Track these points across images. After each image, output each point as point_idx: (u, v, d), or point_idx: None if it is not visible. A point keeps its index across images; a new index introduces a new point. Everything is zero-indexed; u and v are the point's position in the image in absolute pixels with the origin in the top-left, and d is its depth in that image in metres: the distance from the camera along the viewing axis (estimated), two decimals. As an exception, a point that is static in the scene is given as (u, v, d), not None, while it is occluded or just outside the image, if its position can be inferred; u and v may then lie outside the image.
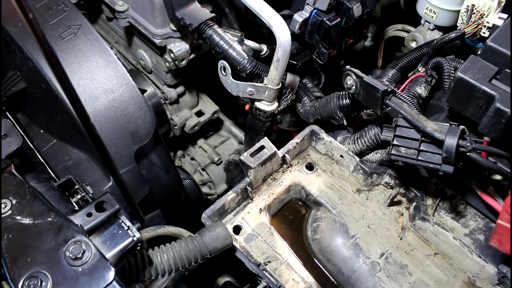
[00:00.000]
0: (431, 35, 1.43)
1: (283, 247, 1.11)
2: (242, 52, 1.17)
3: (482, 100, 0.90)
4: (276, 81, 1.17)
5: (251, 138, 1.35)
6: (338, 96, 1.29)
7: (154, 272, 0.91)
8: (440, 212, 1.18)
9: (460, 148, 0.91)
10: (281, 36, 1.08)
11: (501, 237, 0.89)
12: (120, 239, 0.82)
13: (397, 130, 1.02)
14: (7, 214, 0.78)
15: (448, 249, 1.10)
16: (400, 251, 1.10)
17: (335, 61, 1.61)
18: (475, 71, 0.92)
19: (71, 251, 0.74)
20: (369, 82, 1.06)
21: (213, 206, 1.09)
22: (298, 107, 1.43)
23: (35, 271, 0.71)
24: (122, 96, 1.17)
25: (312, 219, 1.16)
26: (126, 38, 1.54)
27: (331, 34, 1.25)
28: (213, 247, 0.97)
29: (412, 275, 1.07)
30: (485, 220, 1.15)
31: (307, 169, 1.25)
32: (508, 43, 0.91)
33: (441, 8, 1.34)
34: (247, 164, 1.11)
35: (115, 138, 1.14)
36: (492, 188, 1.04)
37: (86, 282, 0.71)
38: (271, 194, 1.18)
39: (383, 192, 1.21)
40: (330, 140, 1.24)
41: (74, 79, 1.14)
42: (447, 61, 1.17)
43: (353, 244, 1.11)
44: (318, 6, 1.23)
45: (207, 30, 1.19)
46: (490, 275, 1.05)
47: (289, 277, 1.06)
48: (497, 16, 1.16)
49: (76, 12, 1.21)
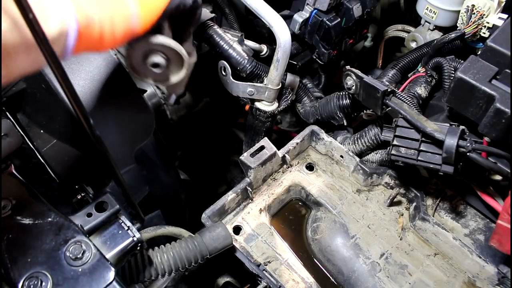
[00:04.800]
0: (431, 35, 1.43)
1: (283, 247, 1.11)
2: (242, 52, 1.17)
3: (482, 100, 0.90)
4: (276, 82, 1.17)
5: (251, 138, 1.35)
6: (338, 96, 1.29)
7: (154, 272, 0.91)
8: (440, 212, 1.18)
9: (460, 148, 0.91)
10: (281, 37, 1.08)
11: (501, 237, 0.89)
12: (120, 239, 0.82)
13: (397, 130, 1.02)
14: (7, 214, 0.78)
15: (448, 249, 1.10)
16: (400, 251, 1.10)
17: (335, 62, 1.61)
18: (475, 71, 0.92)
19: (71, 251, 0.74)
20: (369, 82, 1.06)
21: (213, 206, 1.09)
22: (298, 107, 1.43)
23: (35, 271, 0.71)
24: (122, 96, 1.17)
25: (312, 219, 1.16)
26: (126, 38, 1.54)
27: (331, 34, 1.25)
28: (213, 247, 0.97)
29: (412, 275, 1.07)
30: (485, 220, 1.15)
31: (307, 169, 1.25)
32: (508, 43, 0.91)
33: (441, 8, 1.34)
34: (247, 164, 1.11)
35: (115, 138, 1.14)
36: (492, 188, 1.04)
37: (86, 282, 0.71)
38: (271, 194, 1.18)
39: (383, 192, 1.21)
40: (330, 140, 1.24)
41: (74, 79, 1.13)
42: (447, 61, 1.17)
43: (353, 244, 1.11)
44: (318, 6, 1.23)
45: (207, 30, 1.19)
46: (490, 275, 1.05)
47: (289, 277, 1.06)
48: (497, 16, 1.16)
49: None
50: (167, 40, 0.80)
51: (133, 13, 0.75)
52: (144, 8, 0.76)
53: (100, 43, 0.72)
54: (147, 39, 0.79)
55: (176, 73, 0.87)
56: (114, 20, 0.72)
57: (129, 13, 0.74)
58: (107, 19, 0.71)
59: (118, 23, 0.73)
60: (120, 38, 0.75)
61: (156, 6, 0.78)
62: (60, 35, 0.64)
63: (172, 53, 0.83)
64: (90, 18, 0.69)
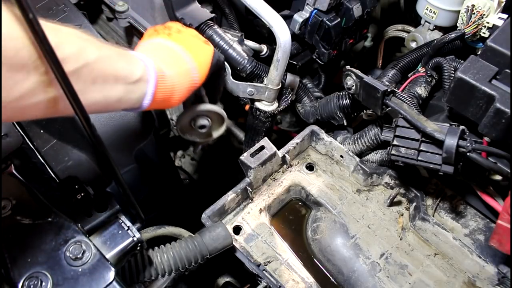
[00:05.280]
0: (431, 35, 1.43)
1: (283, 247, 1.11)
2: (242, 52, 1.17)
3: (482, 100, 0.90)
4: (276, 82, 1.17)
5: (251, 138, 1.35)
6: (338, 96, 1.29)
7: (154, 272, 0.91)
8: (440, 212, 1.18)
9: (460, 148, 0.91)
10: (281, 37, 1.08)
11: (501, 237, 0.89)
12: (120, 239, 0.82)
13: (397, 130, 1.02)
14: (7, 214, 0.78)
15: (448, 249, 1.10)
16: (400, 251, 1.10)
17: (335, 62, 1.61)
18: (475, 71, 0.92)
19: (71, 251, 0.74)
20: (369, 82, 1.06)
21: (213, 206, 1.09)
22: (298, 107, 1.43)
23: (35, 271, 0.71)
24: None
25: (312, 219, 1.16)
26: (126, 38, 1.54)
27: (331, 34, 1.25)
28: (213, 247, 0.97)
29: (412, 275, 1.07)
30: (485, 220, 1.15)
31: (307, 169, 1.25)
32: (508, 43, 0.90)
33: (441, 8, 1.34)
34: (247, 164, 1.11)
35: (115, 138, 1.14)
36: (492, 188, 1.04)
37: (86, 282, 0.71)
38: (271, 194, 1.18)
39: (383, 192, 1.21)
40: (330, 140, 1.24)
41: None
42: (447, 61, 1.17)
43: (353, 245, 1.11)
44: (318, 6, 1.23)
45: (207, 30, 1.19)
46: (490, 275, 1.05)
47: (289, 277, 1.06)
48: (497, 16, 1.16)
49: (76, 12, 1.21)
50: (211, 106, 0.98)
51: (192, 67, 0.87)
52: (198, 63, 0.89)
53: (172, 96, 0.83)
54: (195, 107, 0.98)
55: (217, 130, 1.05)
56: (180, 75, 0.84)
57: (189, 67, 0.87)
58: (175, 74, 0.83)
59: (184, 78, 0.85)
60: (186, 91, 0.87)
61: (206, 61, 0.91)
62: (142, 79, 0.75)
63: (214, 115, 1.01)
64: (163, 72, 0.80)
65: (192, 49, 0.89)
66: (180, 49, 0.88)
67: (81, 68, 0.62)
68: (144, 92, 0.77)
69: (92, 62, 0.64)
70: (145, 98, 0.77)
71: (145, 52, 0.83)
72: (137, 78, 0.74)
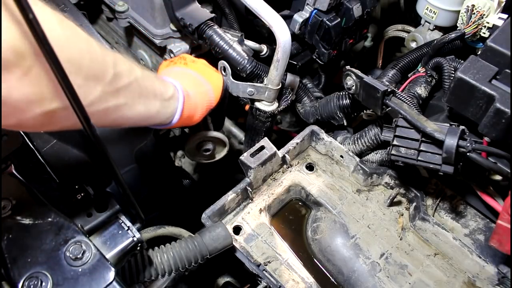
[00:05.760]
0: (431, 35, 1.43)
1: (283, 247, 1.11)
2: (242, 52, 1.17)
3: (482, 101, 0.90)
4: (276, 82, 1.17)
5: (251, 138, 1.35)
6: (338, 96, 1.29)
7: (154, 272, 0.91)
8: (440, 212, 1.18)
9: (460, 149, 0.91)
10: (281, 37, 1.08)
11: (501, 237, 0.89)
12: (120, 239, 0.82)
13: (397, 131, 1.02)
14: (7, 214, 0.78)
15: (448, 249, 1.10)
16: (400, 251, 1.10)
17: (335, 62, 1.61)
18: (475, 71, 0.92)
19: (71, 251, 0.74)
20: (369, 83, 1.06)
21: (213, 207, 1.09)
22: (298, 107, 1.43)
23: (35, 271, 0.71)
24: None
25: (312, 220, 1.16)
26: (126, 38, 1.54)
27: (331, 34, 1.25)
28: (213, 247, 0.97)
29: (412, 275, 1.07)
30: (485, 220, 1.15)
31: (307, 169, 1.25)
32: (508, 43, 0.90)
33: (441, 8, 1.34)
34: (247, 164, 1.11)
35: (115, 138, 1.14)
36: (492, 188, 1.04)
37: (86, 282, 0.71)
38: (271, 194, 1.18)
39: (383, 193, 1.21)
40: (330, 140, 1.24)
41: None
42: (447, 61, 1.17)
43: (353, 245, 1.11)
44: (318, 6, 1.23)
45: (207, 30, 1.19)
46: (490, 275, 1.06)
47: (289, 277, 1.06)
48: (497, 16, 1.16)
49: (76, 12, 1.21)
50: (216, 133, 1.20)
51: (209, 89, 1.03)
52: (213, 85, 1.06)
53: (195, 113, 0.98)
54: (202, 133, 1.18)
55: (220, 153, 1.29)
56: (201, 94, 1.00)
57: (207, 89, 1.03)
58: (197, 94, 0.99)
59: (204, 98, 1.01)
60: (206, 109, 1.02)
61: (219, 85, 1.08)
62: (173, 97, 0.89)
63: (218, 140, 1.22)
64: (188, 92, 0.95)
65: (206, 75, 1.05)
66: (197, 75, 1.04)
67: (132, 82, 0.72)
68: (175, 107, 0.90)
69: (140, 78, 0.75)
70: (176, 114, 0.90)
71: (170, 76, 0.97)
72: (170, 95, 0.87)
